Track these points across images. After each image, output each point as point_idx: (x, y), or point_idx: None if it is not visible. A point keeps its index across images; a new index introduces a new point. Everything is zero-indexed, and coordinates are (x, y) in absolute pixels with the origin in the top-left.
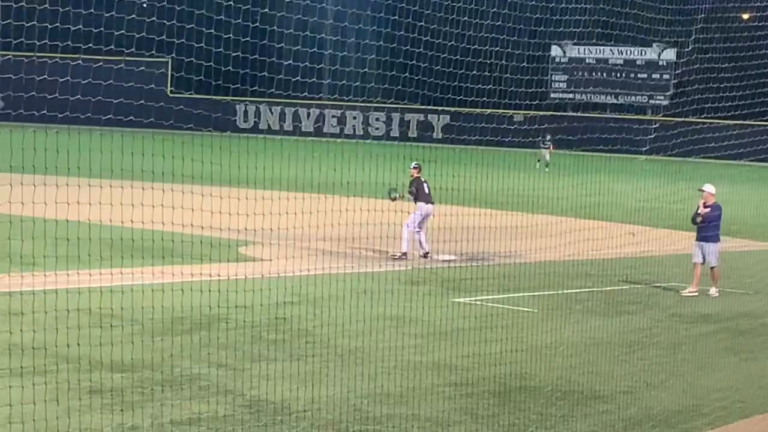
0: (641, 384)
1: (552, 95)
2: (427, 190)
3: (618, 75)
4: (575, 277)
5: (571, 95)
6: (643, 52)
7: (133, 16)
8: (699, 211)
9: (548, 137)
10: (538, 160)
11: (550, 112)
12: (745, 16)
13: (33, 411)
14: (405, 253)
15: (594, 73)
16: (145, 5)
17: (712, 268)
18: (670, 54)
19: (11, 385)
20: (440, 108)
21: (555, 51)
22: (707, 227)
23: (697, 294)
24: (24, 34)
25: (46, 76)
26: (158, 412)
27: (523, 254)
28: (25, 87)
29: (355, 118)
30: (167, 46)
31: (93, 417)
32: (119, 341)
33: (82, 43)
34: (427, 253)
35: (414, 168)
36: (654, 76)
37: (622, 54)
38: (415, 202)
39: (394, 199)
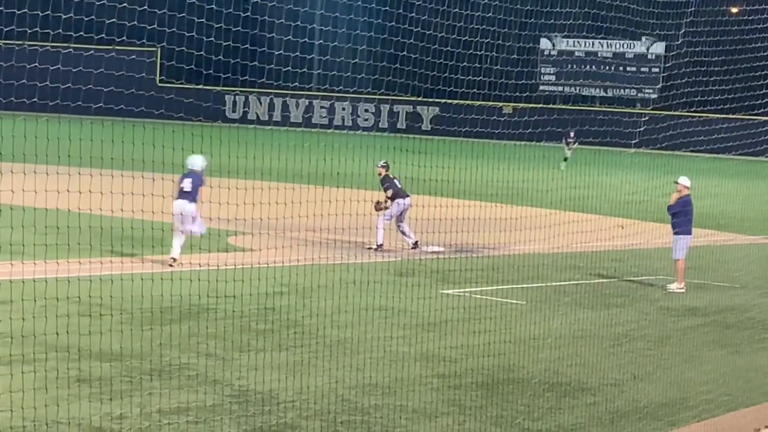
0: (628, 376)
1: (541, 88)
2: (400, 185)
3: (607, 68)
4: (563, 270)
5: (560, 88)
6: (633, 46)
7: (124, 4)
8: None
9: (572, 134)
10: (565, 159)
11: (540, 105)
12: (734, 10)
13: (21, 399)
14: (381, 245)
15: (583, 66)
16: None
17: (676, 260)
18: (659, 47)
19: None
20: (430, 99)
21: (544, 43)
22: (678, 221)
23: (684, 290)
24: (14, 21)
25: (36, 65)
26: (146, 401)
27: (512, 246)
28: (15, 75)
29: (344, 109)
30: (157, 35)
31: (81, 405)
32: (107, 330)
33: (72, 31)
34: (417, 242)
35: (382, 167)
36: (643, 69)
37: (611, 47)
38: (393, 200)
39: (378, 209)
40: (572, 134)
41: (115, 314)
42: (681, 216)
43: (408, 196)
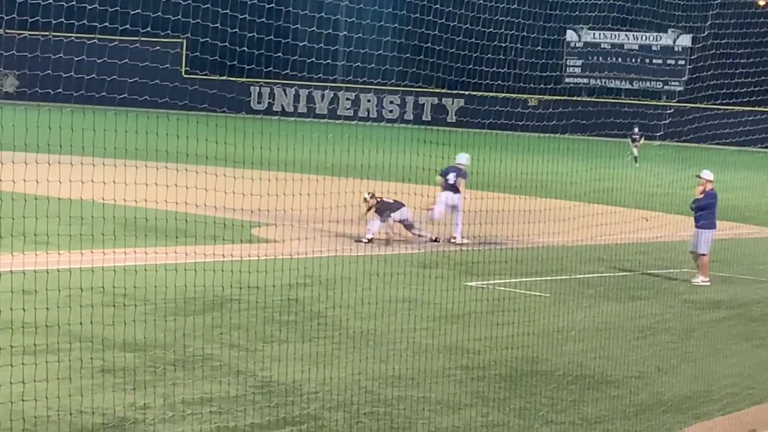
0: (652, 369)
1: (567, 80)
2: (391, 201)
3: (633, 60)
4: (587, 262)
5: (585, 80)
6: (659, 38)
7: None
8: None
9: (636, 129)
10: (629, 154)
11: (565, 97)
12: (762, 3)
13: (45, 389)
14: (371, 240)
15: (609, 58)
16: None
17: (702, 255)
18: (685, 40)
19: (24, 363)
20: (454, 91)
21: (570, 35)
22: (702, 214)
23: (709, 282)
24: (40, 12)
25: (61, 55)
26: (170, 391)
27: (536, 238)
28: (40, 66)
29: (369, 100)
30: (182, 27)
31: (105, 396)
32: (132, 320)
33: (98, 22)
34: (437, 238)
35: (371, 198)
36: (669, 61)
37: (637, 39)
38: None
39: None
40: (636, 129)
41: (139, 305)
42: (707, 209)
43: (403, 206)
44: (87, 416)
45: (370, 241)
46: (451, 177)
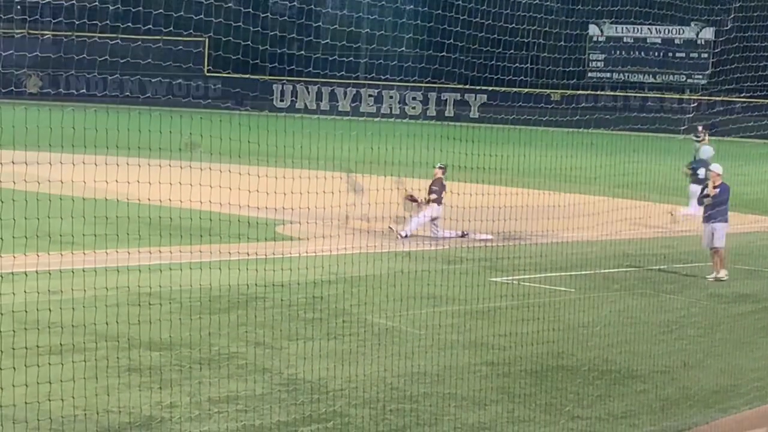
0: (679, 364)
1: (589, 74)
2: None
3: (656, 54)
4: (613, 257)
5: (608, 74)
6: (682, 31)
7: None
8: (707, 192)
9: (700, 128)
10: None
11: (588, 92)
12: None
13: (72, 388)
14: (408, 235)
15: (632, 52)
16: None
17: (719, 249)
18: (708, 33)
19: (50, 363)
20: (477, 87)
21: (593, 30)
22: (722, 209)
23: (726, 277)
24: (63, 13)
25: (84, 56)
26: (196, 390)
27: (561, 234)
28: (64, 66)
29: (391, 97)
30: (205, 26)
31: (131, 395)
32: (157, 319)
33: (121, 22)
34: (464, 233)
35: (440, 168)
36: (692, 55)
37: (660, 33)
38: (430, 203)
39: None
40: (701, 128)
41: (164, 304)
42: (723, 204)
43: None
44: (114, 415)
45: (405, 236)
46: (702, 172)
